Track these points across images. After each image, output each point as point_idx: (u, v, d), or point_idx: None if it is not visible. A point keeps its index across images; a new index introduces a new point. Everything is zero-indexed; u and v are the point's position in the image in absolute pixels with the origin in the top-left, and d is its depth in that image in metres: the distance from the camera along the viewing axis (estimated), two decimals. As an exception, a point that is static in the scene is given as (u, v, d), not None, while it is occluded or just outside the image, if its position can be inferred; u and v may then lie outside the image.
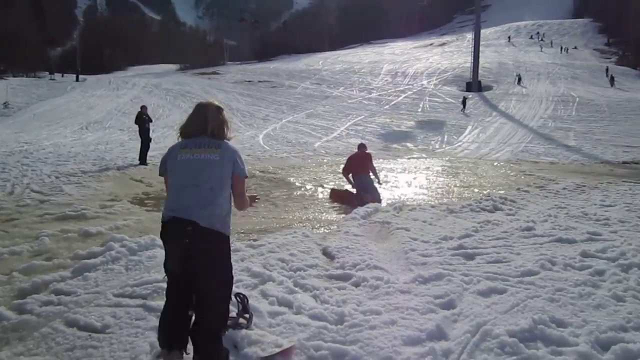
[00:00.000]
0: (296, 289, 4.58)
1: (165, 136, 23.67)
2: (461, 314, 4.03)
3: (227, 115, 3.15)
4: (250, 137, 23.96)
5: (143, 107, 15.35)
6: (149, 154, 14.60)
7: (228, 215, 2.94)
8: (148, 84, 47.36)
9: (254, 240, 6.28)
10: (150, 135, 14.95)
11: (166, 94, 41.21)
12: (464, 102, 35.72)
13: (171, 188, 2.97)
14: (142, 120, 14.80)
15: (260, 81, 50.39)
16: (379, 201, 9.31)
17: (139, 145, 14.71)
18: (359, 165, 9.86)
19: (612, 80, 51.53)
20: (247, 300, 3.67)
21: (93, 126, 27.24)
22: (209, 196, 2.85)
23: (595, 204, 9.29)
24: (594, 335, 3.58)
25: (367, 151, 10.19)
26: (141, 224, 7.16)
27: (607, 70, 56.40)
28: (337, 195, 9.91)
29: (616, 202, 9.48)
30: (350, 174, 9.87)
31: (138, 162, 14.25)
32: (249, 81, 50.76)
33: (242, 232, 6.84)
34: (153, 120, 15.98)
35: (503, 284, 4.70)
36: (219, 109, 3.11)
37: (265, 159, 16.87)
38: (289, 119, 30.52)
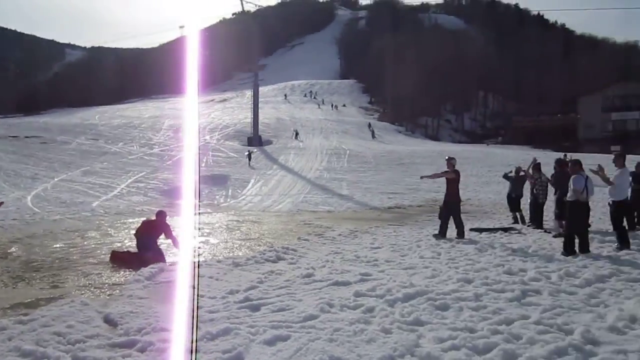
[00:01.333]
0: (75, 363, 4.26)
1: None
2: (248, 366, 4.13)
3: None
4: (16, 199, 21.56)
5: None
6: None
7: None
8: None
9: (24, 315, 5.67)
10: None
11: None
12: (249, 156, 36.93)
13: None
14: None
15: (27, 137, 45.96)
16: (164, 260, 9.08)
17: None
18: (146, 230, 9.62)
19: (373, 133, 58.11)
20: None
21: None
22: None
23: (366, 247, 10.24)
24: (366, 369, 3.95)
25: (164, 219, 9.88)
26: None
27: (369, 125, 63.30)
28: (117, 258, 9.37)
29: (383, 244, 10.56)
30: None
31: None
32: (14, 136, 45.95)
33: (8, 308, 6.12)
34: None
35: (287, 330, 4.94)
36: None
37: (34, 223, 15.32)
38: (62, 177, 28.22)
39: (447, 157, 11.75)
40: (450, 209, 11.11)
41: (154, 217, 10.06)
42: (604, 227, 11.45)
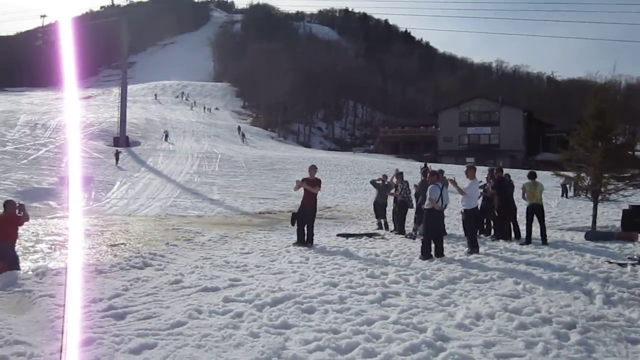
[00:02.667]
0: None
1: None
2: (112, 375, 4.04)
3: None
4: None
5: None
6: None
7: None
8: None
9: None
10: None
11: None
12: (117, 156, 35.34)
13: None
14: None
15: None
16: (18, 268, 8.42)
17: None
18: (1, 229, 8.75)
19: (243, 137, 58.26)
20: None
21: None
22: None
23: (236, 253, 10.28)
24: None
25: (14, 210, 8.98)
26: None
27: (239, 128, 63.28)
28: None
29: (253, 249, 10.66)
30: None
31: None
32: None
33: None
34: None
35: (154, 338, 4.88)
36: None
37: None
38: None
39: (311, 165, 12.02)
40: (307, 216, 11.16)
41: (1, 211, 9.15)
42: (458, 232, 12.44)
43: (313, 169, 11.57)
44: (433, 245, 9.43)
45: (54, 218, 17.28)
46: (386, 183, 15.19)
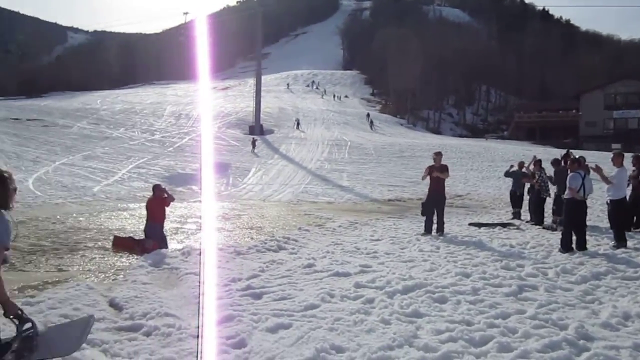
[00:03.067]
0: (84, 345, 4.37)
1: None
2: (252, 352, 4.26)
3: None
4: (17, 182, 21.67)
5: None
6: None
7: None
8: None
9: (31, 297, 5.79)
10: None
11: None
12: (253, 143, 37.44)
13: None
14: None
15: (29, 119, 45.96)
16: (166, 247, 9.18)
17: None
18: (153, 209, 9.62)
19: (371, 124, 58.24)
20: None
21: None
22: None
23: (366, 239, 10.36)
24: (366, 357, 4.07)
25: (163, 195, 9.84)
26: None
27: (368, 115, 63.30)
28: (120, 243, 9.44)
29: (383, 237, 10.67)
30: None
31: None
32: (16, 119, 45.97)
33: (15, 289, 6.23)
34: None
35: (289, 319, 5.07)
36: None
37: (36, 206, 15.45)
38: (63, 161, 28.32)
39: (436, 152, 11.54)
40: (437, 204, 10.84)
41: (151, 195, 10.00)
42: (602, 225, 11.55)
43: (439, 155, 11.12)
44: (574, 237, 8.84)
45: (197, 202, 18.52)
46: (522, 170, 14.44)
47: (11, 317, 3.36)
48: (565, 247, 8.72)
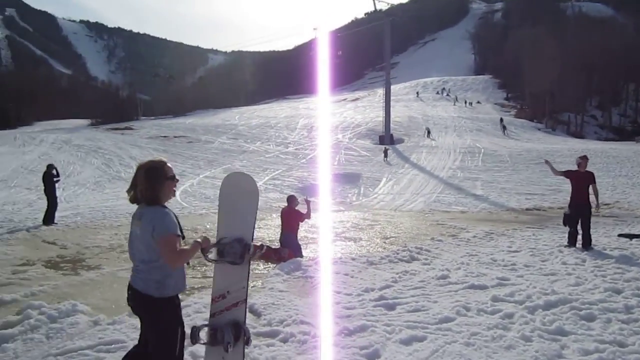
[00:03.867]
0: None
1: (76, 194, 22.87)
2: (386, 363, 4.23)
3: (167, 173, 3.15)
4: (167, 194, 23.56)
5: (49, 166, 14.90)
6: (60, 214, 14.11)
7: (167, 278, 3.04)
8: (57, 139, 45.77)
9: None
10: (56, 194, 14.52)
11: (77, 150, 39.96)
12: (385, 152, 37.81)
13: None
14: (49, 178, 14.42)
15: (175, 136, 49.93)
16: (301, 256, 9.47)
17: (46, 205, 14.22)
18: (287, 220, 10.01)
19: (504, 129, 55.76)
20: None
21: (-3, 186, 25.87)
22: (141, 266, 3.05)
23: (503, 250, 9.90)
24: (506, 376, 3.88)
25: (295, 203, 10.22)
26: (59, 290, 6.92)
27: (501, 120, 60.71)
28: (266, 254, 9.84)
29: (521, 248, 10.14)
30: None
31: (42, 223, 13.67)
32: (165, 136, 50.17)
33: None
34: (62, 178, 15.34)
35: (423, 331, 4.98)
36: (148, 171, 3.09)
37: (183, 217, 16.64)
38: (206, 174, 30.34)
39: (581, 156, 10.61)
40: (580, 213, 9.91)
41: (286, 205, 10.35)
42: None
43: (584, 159, 10.10)
44: None
45: (330, 212, 18.88)
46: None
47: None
48: None
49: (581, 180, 9.98)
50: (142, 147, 42.51)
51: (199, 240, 3.19)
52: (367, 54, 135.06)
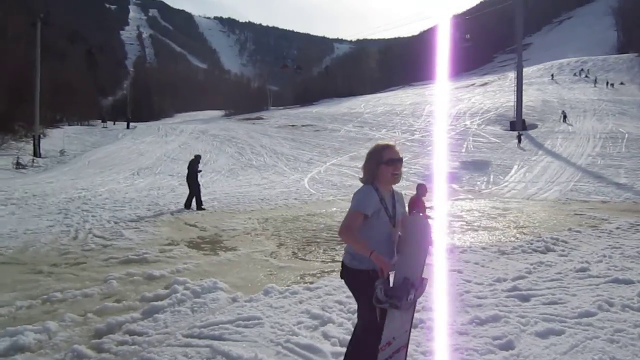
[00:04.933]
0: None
1: (213, 181, 24.33)
2: (520, 355, 4.11)
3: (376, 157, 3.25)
4: (295, 181, 24.38)
5: (197, 157, 16.11)
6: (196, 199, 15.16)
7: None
8: (195, 130, 48.90)
9: (310, 283, 6.47)
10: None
11: (213, 139, 42.43)
12: (519, 138, 36.48)
13: None
14: (195, 167, 15.53)
15: (303, 125, 51.30)
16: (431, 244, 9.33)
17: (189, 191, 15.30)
18: (411, 211, 9.97)
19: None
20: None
21: (144, 172, 28.24)
22: None
23: (651, 243, 9.13)
24: (657, 376, 3.60)
25: (424, 193, 10.15)
26: (200, 268, 7.46)
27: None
28: None
29: (673, 242, 9.29)
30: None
31: (184, 207, 14.73)
32: (293, 125, 51.75)
33: (299, 276, 7.05)
34: (200, 167, 16.44)
35: (560, 325, 4.75)
36: (368, 154, 3.32)
37: (312, 203, 17.14)
38: (332, 162, 30.92)
39: None
40: None
41: (414, 194, 10.27)
42: None
43: None
44: None
45: (458, 200, 18.47)
46: None
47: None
48: None
49: None
50: (271, 136, 44.20)
51: (380, 258, 3.04)
52: (496, 36, 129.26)
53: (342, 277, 3.32)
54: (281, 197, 18.36)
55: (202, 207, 14.90)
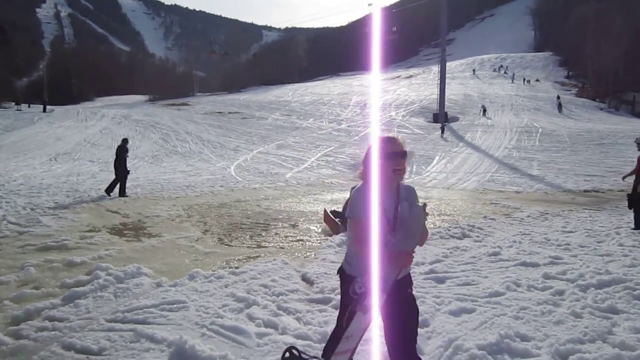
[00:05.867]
0: (280, 312, 4.87)
1: (136, 167, 23.70)
2: (434, 332, 4.37)
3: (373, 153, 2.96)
4: (221, 168, 24.17)
5: (125, 140, 15.67)
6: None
7: (352, 256, 3.01)
8: (117, 115, 47.27)
9: (236, 268, 6.53)
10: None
11: (136, 125, 41.22)
12: (442, 129, 38.11)
13: None
14: (123, 152, 15.10)
15: (230, 112, 50.74)
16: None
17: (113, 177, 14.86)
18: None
19: (559, 106, 53.97)
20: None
21: (62, 157, 27.11)
22: None
23: (557, 231, 9.79)
24: (554, 348, 3.94)
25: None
26: (123, 254, 7.34)
27: (557, 97, 58.72)
28: (327, 218, 10.10)
29: (577, 229, 10.00)
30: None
31: (105, 193, 14.31)
32: (220, 112, 51.06)
33: (224, 261, 7.09)
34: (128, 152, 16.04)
35: (472, 304, 5.07)
36: (368, 146, 2.99)
37: (238, 190, 17.10)
38: (259, 150, 30.85)
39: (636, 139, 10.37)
40: None
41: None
42: None
43: None
44: None
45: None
46: None
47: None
48: None
49: None
50: (197, 122, 43.46)
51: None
52: (422, 30, 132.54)
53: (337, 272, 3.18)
54: (207, 184, 18.18)
55: (125, 194, 14.52)
